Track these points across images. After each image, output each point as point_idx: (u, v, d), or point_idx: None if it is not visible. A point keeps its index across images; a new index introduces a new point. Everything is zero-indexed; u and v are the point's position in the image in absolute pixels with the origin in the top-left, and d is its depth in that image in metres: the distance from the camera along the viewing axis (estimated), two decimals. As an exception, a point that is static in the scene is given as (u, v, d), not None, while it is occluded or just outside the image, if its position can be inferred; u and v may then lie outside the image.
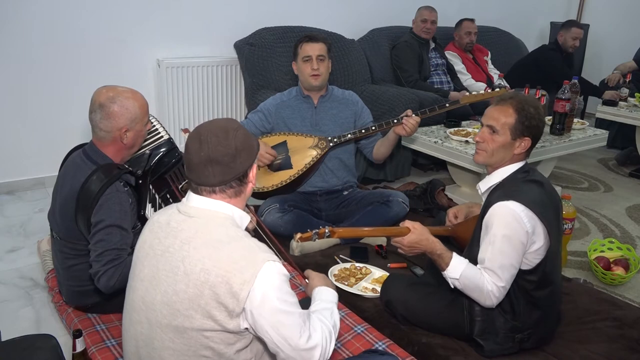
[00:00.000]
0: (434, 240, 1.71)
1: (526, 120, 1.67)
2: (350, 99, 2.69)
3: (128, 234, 1.70)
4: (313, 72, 2.53)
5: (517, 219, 1.59)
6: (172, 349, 1.20)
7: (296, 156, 2.55)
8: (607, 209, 3.34)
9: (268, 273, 1.16)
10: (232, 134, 1.23)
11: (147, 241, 1.28)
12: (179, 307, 1.17)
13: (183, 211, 1.26)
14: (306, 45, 2.53)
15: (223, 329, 1.17)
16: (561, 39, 4.41)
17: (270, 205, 2.52)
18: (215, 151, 1.21)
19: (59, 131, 3.19)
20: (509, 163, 1.73)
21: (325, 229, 1.70)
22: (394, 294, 1.90)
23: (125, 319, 1.32)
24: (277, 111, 2.62)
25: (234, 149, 1.22)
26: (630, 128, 4.10)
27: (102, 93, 1.72)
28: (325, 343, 1.23)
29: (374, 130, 2.54)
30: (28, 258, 2.49)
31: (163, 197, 2.04)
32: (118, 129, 1.72)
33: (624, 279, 2.39)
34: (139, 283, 1.26)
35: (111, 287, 1.62)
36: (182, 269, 1.18)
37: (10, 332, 1.73)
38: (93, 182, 1.67)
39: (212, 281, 1.14)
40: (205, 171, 1.22)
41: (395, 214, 2.55)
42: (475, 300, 1.68)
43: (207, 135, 1.22)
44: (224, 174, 1.22)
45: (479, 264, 1.66)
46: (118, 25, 3.29)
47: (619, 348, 1.80)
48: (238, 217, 1.28)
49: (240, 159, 1.23)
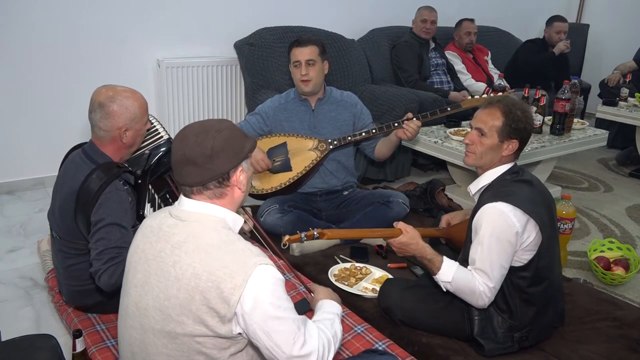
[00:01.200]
0: (424, 245, 1.73)
1: (513, 123, 1.70)
2: (348, 100, 2.66)
3: (128, 232, 1.70)
4: (302, 78, 2.50)
5: (505, 219, 1.61)
6: (165, 354, 1.19)
7: (296, 158, 2.54)
8: (607, 209, 3.34)
9: (260, 277, 1.13)
10: (212, 135, 1.20)
11: (139, 246, 1.27)
12: (170, 312, 1.16)
13: (174, 215, 1.25)
14: (295, 50, 2.50)
15: (215, 335, 1.15)
16: (546, 35, 4.48)
17: (269, 206, 2.51)
18: (192, 151, 1.19)
19: (59, 131, 3.19)
20: (498, 164, 1.76)
21: (314, 231, 1.72)
22: (391, 300, 1.90)
23: (120, 324, 1.31)
24: (275, 114, 2.62)
25: (209, 150, 1.19)
26: (630, 128, 4.10)
27: (102, 92, 1.72)
28: (323, 350, 1.19)
29: (374, 133, 2.52)
30: (28, 258, 2.49)
31: (162, 197, 2.04)
32: (118, 128, 1.72)
33: (624, 279, 2.39)
34: (132, 289, 1.25)
35: (112, 285, 1.62)
36: (173, 274, 1.16)
37: (10, 332, 1.73)
38: (92, 181, 1.67)
39: (202, 286, 1.12)
40: (183, 171, 1.22)
41: (395, 214, 2.55)
42: (468, 302, 1.70)
43: (188, 135, 1.21)
44: (199, 174, 1.20)
45: (470, 264, 1.68)
46: (118, 25, 3.29)
47: (619, 348, 1.80)
48: (230, 220, 1.26)
49: (218, 160, 1.20)
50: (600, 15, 5.59)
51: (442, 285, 1.70)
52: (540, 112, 3.13)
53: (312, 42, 2.51)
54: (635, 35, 5.09)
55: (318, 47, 2.51)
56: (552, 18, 4.47)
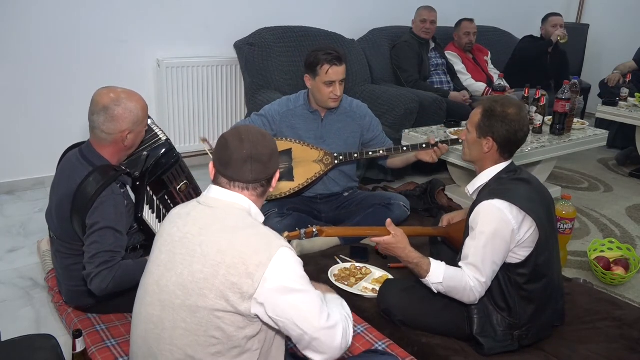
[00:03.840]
0: (410, 249, 1.73)
1: (487, 120, 1.71)
2: (358, 112, 2.58)
3: (123, 236, 1.70)
4: (333, 97, 2.42)
5: (501, 216, 1.62)
6: (183, 328, 1.21)
7: (299, 169, 2.47)
8: (607, 209, 3.34)
9: (283, 257, 1.19)
10: (269, 137, 1.33)
11: (166, 230, 1.33)
12: (193, 287, 1.20)
13: (203, 202, 1.32)
14: (331, 68, 2.34)
15: (235, 311, 1.18)
16: (543, 31, 4.50)
17: (269, 209, 2.49)
18: (257, 149, 1.28)
19: (59, 131, 3.19)
20: (492, 164, 1.77)
21: (313, 228, 1.73)
22: (390, 301, 1.90)
23: (137, 303, 1.33)
24: (282, 119, 2.53)
25: (271, 150, 1.31)
26: (630, 128, 4.10)
27: (104, 95, 1.71)
28: (345, 323, 1.26)
29: (382, 154, 2.50)
30: (28, 258, 2.49)
31: (161, 199, 2.03)
32: (121, 131, 1.72)
33: (624, 279, 2.39)
34: (155, 268, 1.29)
35: (103, 290, 1.61)
36: (199, 252, 1.21)
37: (10, 332, 1.73)
38: (89, 184, 1.67)
39: (228, 262, 1.18)
40: (244, 167, 1.28)
41: (396, 217, 2.51)
42: (459, 300, 1.70)
43: (248, 135, 1.29)
44: (260, 172, 1.29)
45: (462, 259, 1.69)
46: (118, 25, 3.29)
47: (619, 348, 1.80)
48: (255, 212, 1.33)
49: (274, 160, 1.32)
50: (600, 15, 5.59)
51: (432, 287, 1.70)
52: (540, 112, 3.13)
53: (345, 59, 2.41)
54: (635, 35, 5.09)
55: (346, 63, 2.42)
56: (547, 15, 4.50)
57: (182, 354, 1.21)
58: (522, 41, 4.63)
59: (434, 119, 3.48)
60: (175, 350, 1.22)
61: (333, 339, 1.21)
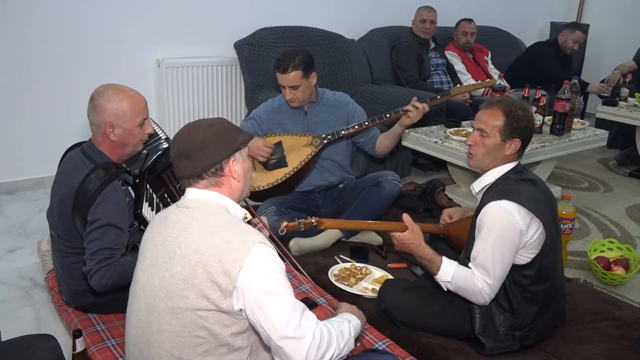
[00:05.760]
0: (425, 246, 1.74)
1: (514, 122, 1.71)
2: (341, 100, 2.65)
3: (124, 233, 1.70)
4: (288, 98, 2.49)
5: (509, 217, 1.61)
6: (168, 331, 1.21)
7: (291, 155, 2.55)
8: (607, 209, 3.34)
9: (259, 253, 1.18)
10: (203, 129, 1.29)
11: (148, 236, 1.33)
12: (174, 288, 1.20)
13: (180, 205, 1.32)
14: (278, 76, 2.42)
15: (217, 309, 1.18)
16: (562, 39, 4.44)
17: (267, 208, 2.51)
18: (185, 144, 1.28)
19: (59, 131, 3.19)
20: (501, 163, 1.76)
21: (312, 219, 1.71)
22: (390, 301, 1.90)
23: (127, 310, 1.34)
24: (269, 117, 2.62)
25: (199, 142, 1.27)
26: (630, 128, 4.10)
27: (98, 88, 1.74)
28: (320, 340, 1.18)
29: (367, 125, 2.53)
30: (28, 258, 2.49)
31: (161, 197, 2.03)
32: (104, 122, 1.71)
33: (624, 279, 2.39)
34: (141, 274, 1.29)
35: (103, 286, 1.63)
36: (178, 253, 1.22)
37: (10, 332, 1.73)
38: (91, 181, 1.67)
39: (205, 260, 1.17)
40: (180, 164, 1.30)
41: (387, 192, 2.54)
42: (468, 300, 1.71)
43: (182, 131, 1.31)
44: (193, 166, 1.28)
45: (471, 261, 1.69)
46: (118, 25, 3.29)
47: (619, 348, 1.81)
48: (232, 209, 1.33)
49: (208, 152, 1.27)
50: (600, 15, 5.59)
51: (442, 285, 1.71)
52: (540, 112, 3.13)
53: (295, 67, 2.36)
54: (635, 35, 5.10)
55: (301, 71, 2.38)
56: (574, 25, 4.47)
57: (170, 357, 1.21)
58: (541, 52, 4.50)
59: (434, 119, 3.47)
60: (163, 353, 1.22)
61: (297, 351, 1.15)
